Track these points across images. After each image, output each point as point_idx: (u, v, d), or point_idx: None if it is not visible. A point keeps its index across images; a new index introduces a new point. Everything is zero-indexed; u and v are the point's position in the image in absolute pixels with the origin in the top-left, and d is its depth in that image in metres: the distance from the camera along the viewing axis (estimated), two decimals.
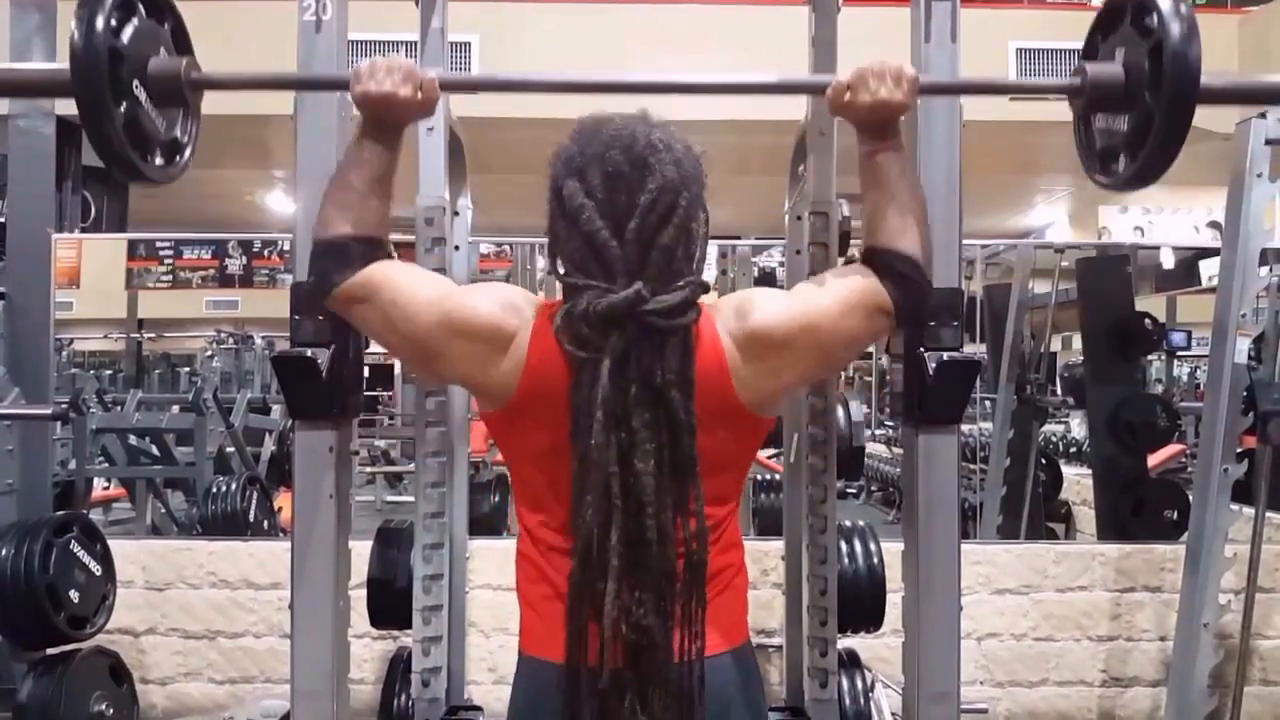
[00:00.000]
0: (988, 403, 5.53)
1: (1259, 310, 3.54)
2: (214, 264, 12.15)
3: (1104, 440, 4.45)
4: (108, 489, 6.51)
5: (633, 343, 1.18)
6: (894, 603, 2.06)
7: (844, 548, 2.54)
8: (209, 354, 10.38)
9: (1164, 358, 7.57)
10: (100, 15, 1.31)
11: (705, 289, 1.25)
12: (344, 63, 1.75)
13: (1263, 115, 2.76)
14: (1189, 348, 6.94)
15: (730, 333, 1.27)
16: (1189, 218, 8.91)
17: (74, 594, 2.75)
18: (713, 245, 5.32)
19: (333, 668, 1.71)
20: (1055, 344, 6.82)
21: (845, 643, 2.57)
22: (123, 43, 1.35)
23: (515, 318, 1.25)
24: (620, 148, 1.21)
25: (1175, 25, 1.30)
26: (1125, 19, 1.42)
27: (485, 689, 3.08)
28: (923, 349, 1.68)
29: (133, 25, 1.37)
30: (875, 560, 2.57)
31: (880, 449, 7.72)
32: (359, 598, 2.22)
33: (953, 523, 1.75)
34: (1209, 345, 2.95)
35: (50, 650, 2.77)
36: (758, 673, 1.39)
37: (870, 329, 1.33)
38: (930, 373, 1.65)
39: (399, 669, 2.59)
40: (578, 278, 1.22)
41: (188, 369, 10.99)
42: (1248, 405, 2.87)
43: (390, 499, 7.92)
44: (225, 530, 4.70)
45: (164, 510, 6.05)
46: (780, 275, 4.33)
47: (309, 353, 1.64)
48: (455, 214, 2.49)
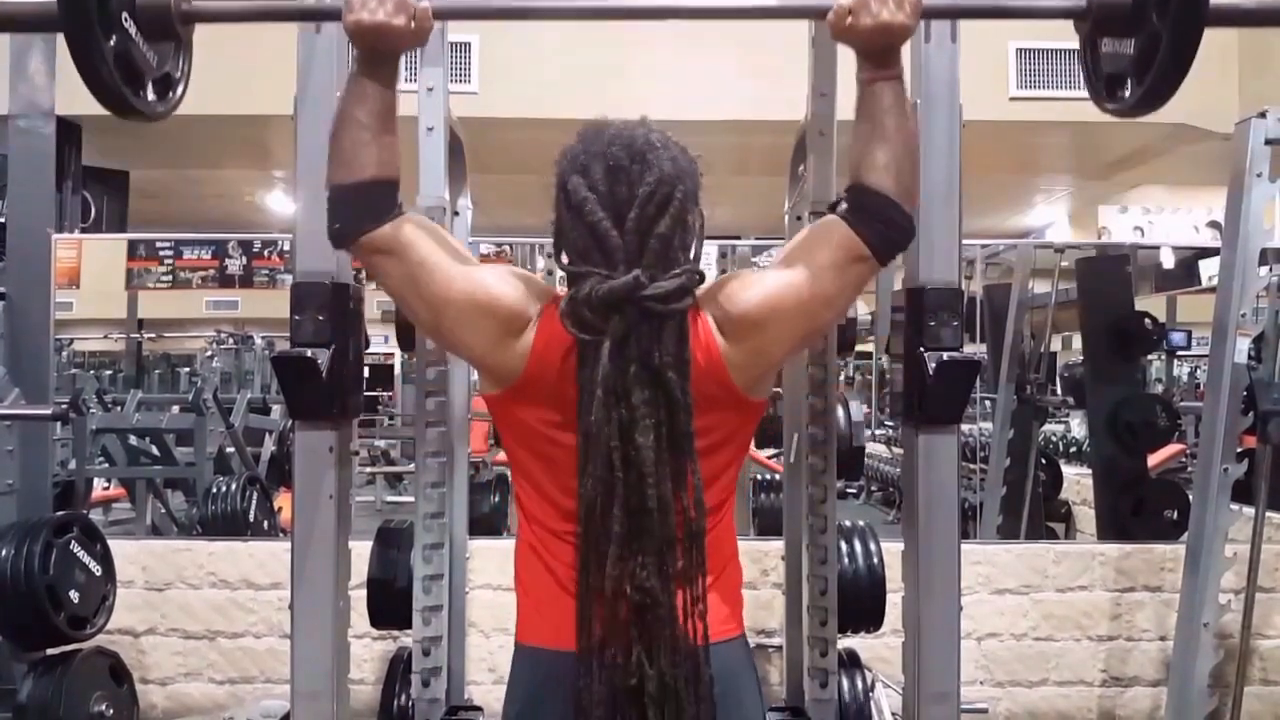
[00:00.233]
0: (988, 403, 5.53)
1: (1259, 310, 3.54)
2: (214, 264, 12.15)
3: (1104, 440, 4.45)
4: (108, 489, 6.51)
5: (632, 326, 1.23)
6: (894, 603, 2.06)
7: (844, 548, 2.54)
8: (209, 354, 10.39)
9: (1164, 357, 7.57)
10: None
11: (701, 278, 1.29)
12: (344, 63, 1.75)
13: (1263, 115, 2.76)
14: (1189, 347, 6.95)
15: (716, 320, 1.31)
16: (1189, 218, 8.91)
17: (74, 594, 2.75)
18: (713, 245, 5.33)
19: (333, 668, 1.72)
20: (1055, 344, 6.82)
21: (845, 643, 2.57)
22: None
23: (532, 304, 1.31)
24: (621, 145, 1.27)
25: None
26: None
27: (485, 689, 3.08)
28: (923, 349, 1.68)
29: None
30: (875, 560, 2.57)
31: (880, 449, 7.72)
32: (359, 598, 2.22)
33: (953, 523, 1.76)
34: (1209, 345, 2.95)
35: (50, 650, 2.76)
36: (754, 664, 1.42)
37: (851, 281, 1.33)
38: (930, 373, 1.66)
39: (399, 669, 2.59)
40: (581, 266, 1.27)
41: (188, 369, 11.00)
42: (1248, 405, 2.87)
43: (390, 499, 7.93)
44: (225, 530, 4.69)
45: (164, 510, 6.05)
46: None
47: (309, 353, 1.65)
48: (455, 214, 2.49)
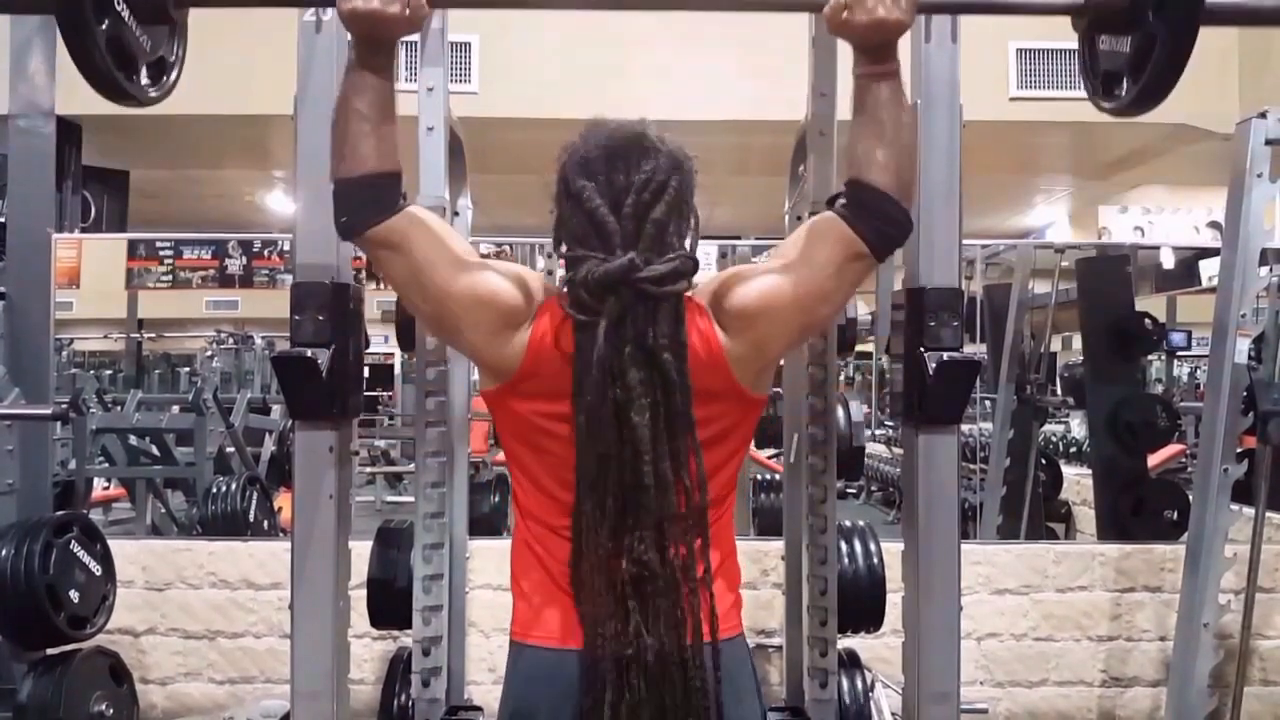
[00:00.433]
0: (988, 403, 5.53)
1: (1259, 310, 3.55)
2: (214, 264, 12.14)
3: (1104, 440, 4.45)
4: (108, 489, 6.51)
5: (628, 307, 1.25)
6: (894, 603, 2.06)
7: (844, 548, 2.54)
8: (209, 354, 10.39)
9: (1164, 358, 7.58)
10: None
11: (695, 265, 1.31)
12: (344, 62, 1.75)
13: (1263, 115, 2.76)
14: (1189, 348, 6.95)
15: (716, 314, 1.33)
16: (1189, 218, 8.91)
17: (74, 594, 2.75)
18: (713, 245, 5.33)
19: (333, 668, 1.72)
20: (1055, 344, 6.82)
21: (845, 643, 2.57)
22: None
23: (531, 299, 1.33)
24: (620, 138, 1.32)
25: None
26: None
27: (485, 689, 3.08)
28: (923, 349, 1.68)
29: None
30: (875, 560, 2.57)
31: (880, 449, 7.72)
32: (359, 598, 2.22)
33: (953, 523, 1.76)
34: (1209, 345, 2.95)
35: (50, 650, 2.76)
36: (753, 663, 1.42)
37: (849, 277, 1.34)
38: (930, 373, 1.66)
39: (399, 669, 2.59)
40: (579, 251, 1.29)
41: (188, 369, 11.00)
42: (1248, 405, 2.87)
43: (390, 499, 7.93)
44: (225, 530, 4.70)
45: (164, 510, 6.05)
46: None
47: (309, 353, 1.65)
48: (455, 214, 2.49)
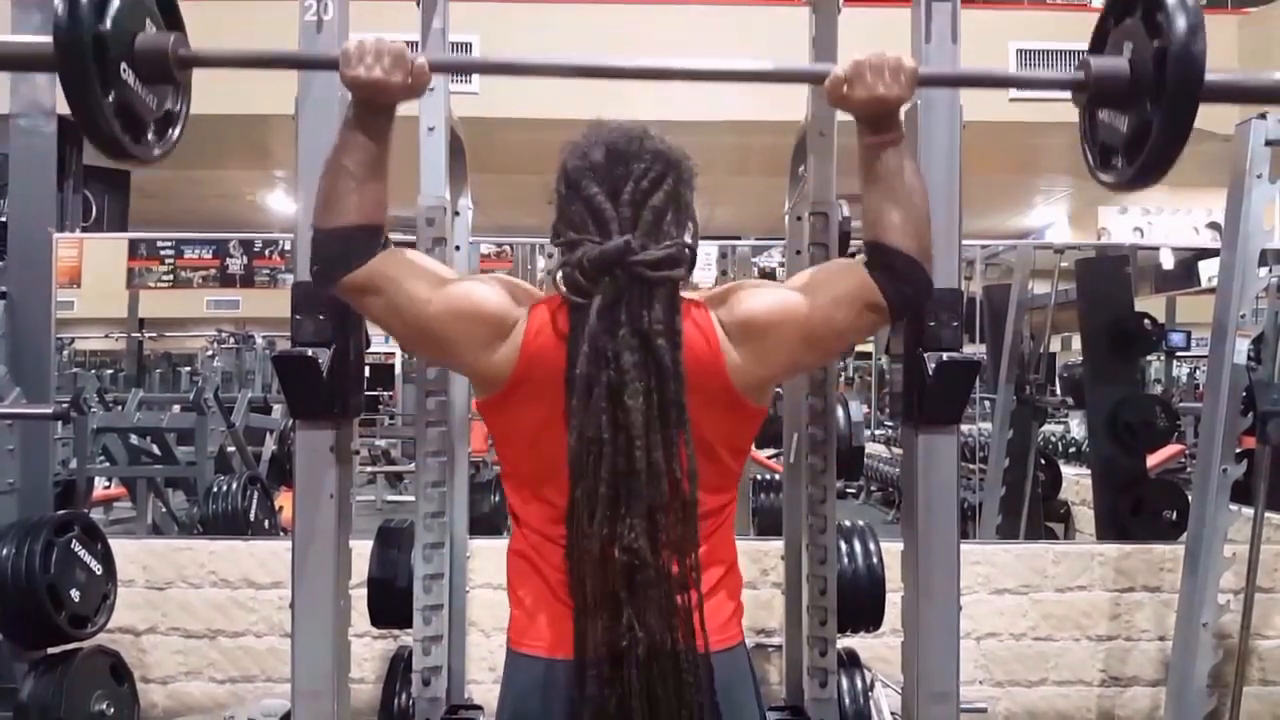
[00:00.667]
0: (987, 403, 5.53)
1: (1258, 311, 3.54)
2: (215, 264, 12.15)
3: (1103, 440, 4.45)
4: (109, 488, 6.52)
5: (623, 289, 1.26)
6: (893, 602, 2.06)
7: (843, 547, 2.55)
8: (210, 353, 10.39)
9: (1163, 358, 7.58)
10: (82, 4, 1.24)
11: (693, 255, 1.32)
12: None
13: (1263, 116, 2.76)
14: (1188, 348, 6.95)
15: (721, 319, 1.33)
16: (1188, 218, 8.92)
17: (75, 593, 2.75)
18: (713, 245, 5.34)
19: (333, 667, 1.72)
20: (1054, 344, 6.82)
21: (845, 642, 2.57)
22: (107, 26, 1.28)
23: (518, 305, 1.33)
24: (620, 133, 1.34)
25: (1181, 22, 1.27)
26: (1134, 11, 1.37)
27: (485, 688, 3.08)
28: (922, 349, 1.68)
29: (116, 3, 1.30)
30: (875, 560, 2.58)
31: (880, 449, 7.72)
32: (359, 597, 2.22)
33: (952, 523, 1.76)
34: (1208, 346, 2.95)
35: (51, 649, 2.77)
36: (753, 675, 1.41)
37: (861, 323, 1.35)
38: (930, 373, 1.66)
39: (399, 668, 2.59)
40: (574, 236, 1.30)
41: (189, 368, 11.01)
42: (1247, 406, 2.87)
43: (391, 498, 7.93)
44: (226, 530, 4.70)
45: (165, 509, 6.06)
46: (780, 275, 4.33)
47: (310, 352, 1.65)
48: (456, 214, 2.49)
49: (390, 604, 2.48)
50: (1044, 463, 5.66)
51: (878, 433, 8.03)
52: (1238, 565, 2.96)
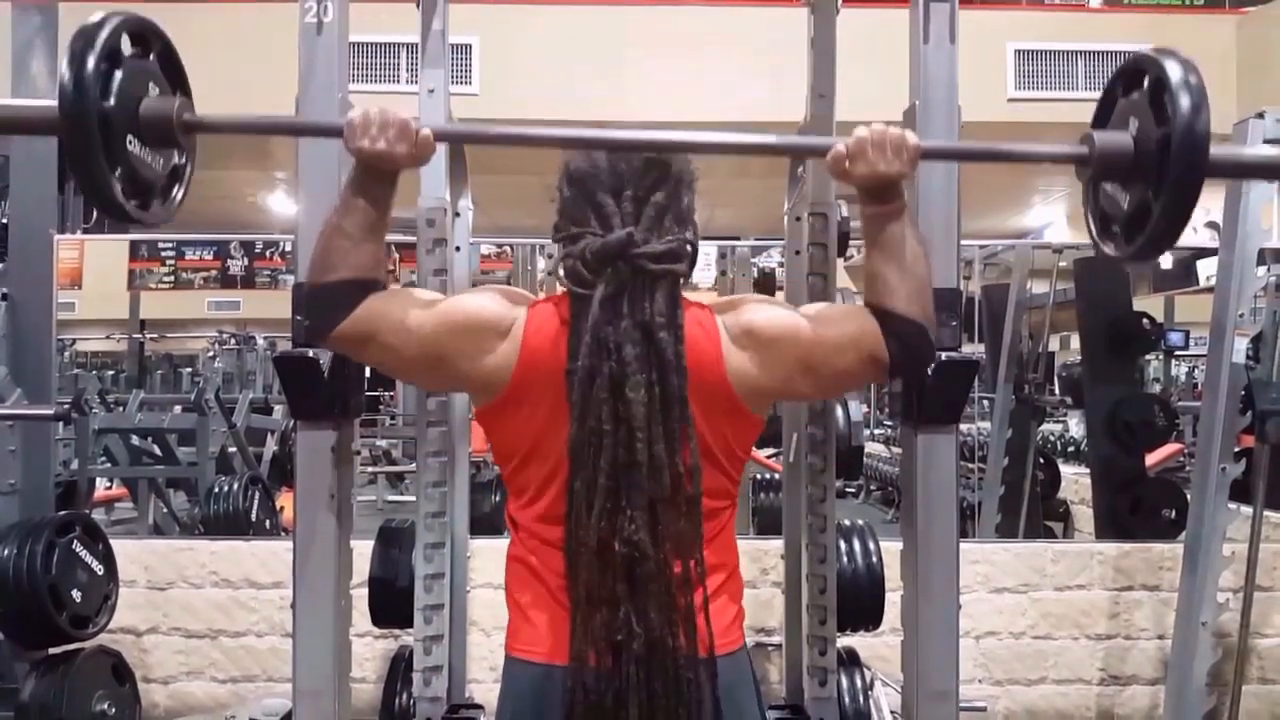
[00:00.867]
0: (986, 402, 5.53)
1: (1257, 310, 3.55)
2: (216, 265, 12.15)
3: (1102, 439, 4.45)
4: (110, 489, 6.52)
5: (625, 281, 1.27)
6: (893, 601, 2.07)
7: (843, 547, 2.55)
8: (211, 354, 10.38)
9: (1162, 357, 7.58)
10: (86, 78, 1.24)
11: (694, 251, 1.34)
12: (345, 66, 1.76)
13: (1260, 116, 2.76)
14: (1187, 347, 6.95)
15: (725, 323, 1.34)
16: None
17: (76, 594, 2.76)
18: (713, 245, 5.35)
19: (334, 666, 1.72)
20: (1053, 344, 6.82)
21: (845, 641, 2.57)
22: (111, 102, 1.28)
23: (511, 309, 1.34)
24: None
25: (1185, 104, 1.25)
26: (1140, 85, 1.36)
27: (486, 687, 3.09)
28: None
29: (120, 74, 1.29)
30: (874, 559, 2.58)
31: (879, 448, 7.72)
32: (360, 597, 2.22)
33: (951, 522, 1.76)
34: (1207, 345, 2.96)
35: (53, 650, 2.77)
36: (755, 678, 1.41)
37: (862, 371, 1.36)
38: (929, 373, 1.66)
39: (400, 668, 2.59)
40: (576, 230, 1.31)
41: (190, 369, 11.00)
42: (1246, 404, 2.87)
43: (391, 498, 7.93)
44: (227, 530, 4.70)
45: (166, 510, 6.06)
46: (780, 275, 4.34)
47: (311, 353, 1.66)
48: (456, 215, 2.49)
49: (391, 604, 2.48)
50: (1043, 462, 5.66)
51: (877, 432, 8.02)
52: (1237, 564, 2.96)
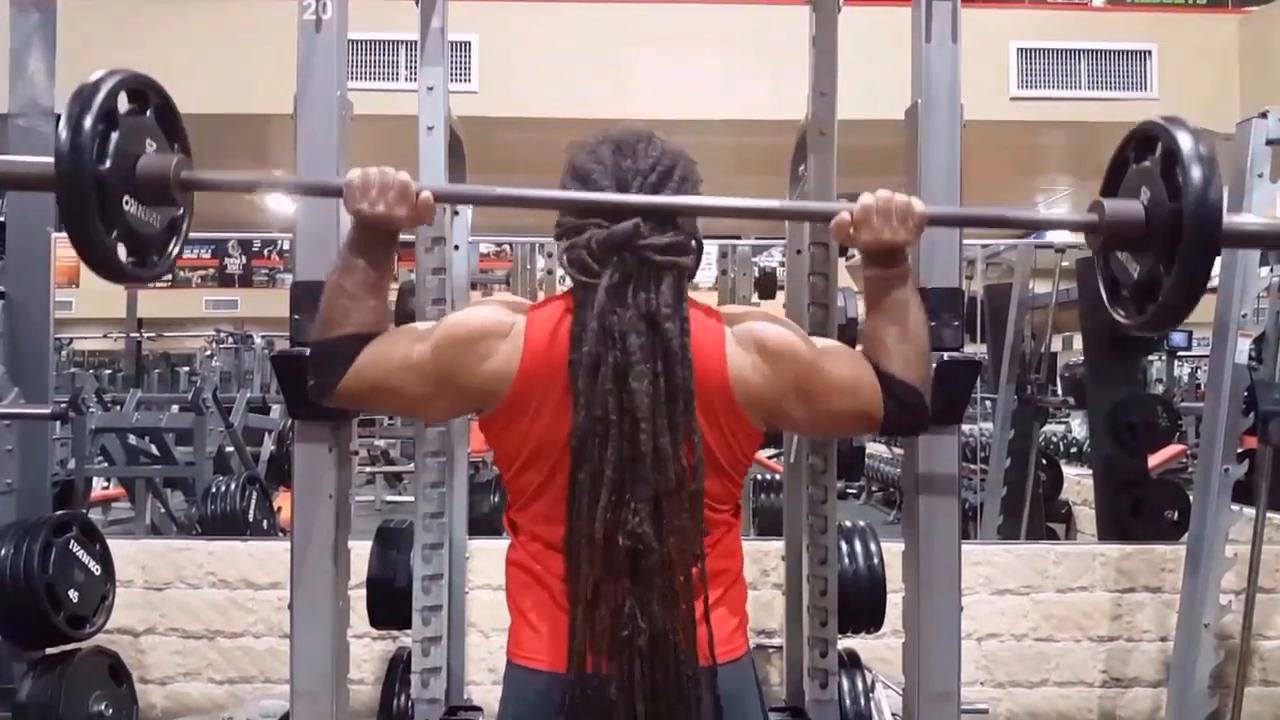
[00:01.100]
0: (988, 403, 5.53)
1: (1259, 310, 3.54)
2: (213, 263, 12.16)
3: (1104, 440, 4.44)
4: (107, 489, 6.52)
5: (630, 271, 1.26)
6: (894, 603, 2.06)
7: (844, 548, 2.54)
8: (208, 353, 10.40)
9: (1164, 358, 7.58)
10: (82, 141, 1.23)
11: (699, 247, 1.33)
12: (344, 64, 1.75)
13: (1263, 115, 2.75)
14: (1189, 348, 6.96)
15: (733, 330, 1.32)
16: None
17: (73, 594, 2.74)
18: (713, 245, 5.34)
19: (332, 668, 1.71)
20: (1056, 344, 6.82)
21: (845, 643, 2.57)
22: (108, 164, 1.27)
23: (512, 314, 1.32)
24: (628, 132, 1.36)
25: (1197, 176, 1.24)
26: (1152, 153, 1.35)
27: (485, 689, 3.08)
28: None
29: (116, 134, 1.28)
30: (875, 560, 2.57)
31: (880, 449, 7.72)
32: (358, 598, 2.21)
33: (953, 523, 1.75)
34: (1209, 345, 2.95)
35: (50, 650, 2.76)
36: (758, 684, 1.40)
37: (853, 420, 1.37)
38: (932, 360, 1.65)
39: (398, 669, 2.59)
40: (581, 221, 1.30)
41: (187, 368, 11.02)
42: (1248, 405, 2.86)
43: (390, 499, 7.93)
44: (224, 530, 4.69)
45: (163, 510, 6.06)
46: (780, 275, 4.33)
47: (309, 351, 1.64)
48: (455, 213, 2.48)
49: (389, 605, 2.47)
50: (1045, 463, 5.67)
51: None
52: (1239, 566, 2.95)
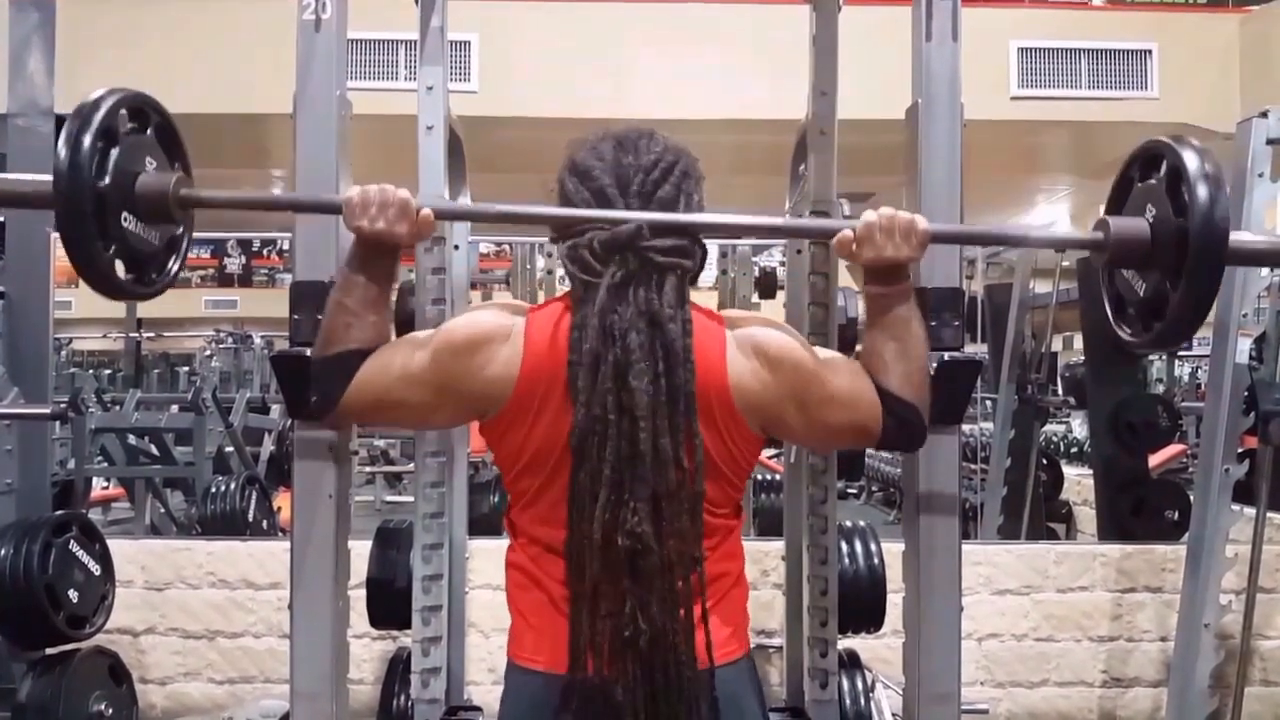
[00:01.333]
0: (988, 403, 5.53)
1: (1260, 310, 3.54)
2: (213, 263, 12.15)
3: (1105, 440, 4.44)
4: (107, 489, 6.52)
5: (632, 272, 1.25)
6: (894, 603, 2.06)
7: (844, 548, 2.54)
8: (208, 353, 10.40)
9: (1165, 358, 7.58)
10: (81, 159, 1.23)
11: (703, 250, 1.33)
12: (343, 63, 1.74)
13: (1264, 115, 2.75)
14: (1190, 348, 6.95)
15: (734, 335, 1.31)
16: None
17: (73, 594, 2.74)
18: (713, 244, 5.33)
19: (332, 668, 1.71)
20: (1056, 344, 6.82)
21: (846, 643, 2.56)
22: (107, 181, 1.27)
23: (511, 317, 1.32)
24: (630, 131, 1.35)
25: (1203, 195, 1.23)
26: (1158, 171, 1.34)
27: (485, 689, 3.07)
28: None
29: (116, 152, 1.28)
30: (876, 560, 2.57)
31: None
32: (358, 598, 2.21)
33: (953, 523, 1.75)
34: (1210, 345, 2.95)
35: (49, 650, 2.76)
36: (758, 686, 1.39)
37: (851, 434, 1.37)
38: (931, 373, 1.65)
39: (398, 669, 2.58)
40: (583, 223, 1.30)
41: (187, 368, 11.02)
42: (1249, 405, 2.86)
43: (389, 499, 7.94)
44: (224, 530, 4.69)
45: (163, 510, 6.06)
46: (780, 275, 4.32)
47: (308, 352, 1.64)
48: None
49: (389, 605, 2.47)
50: (1046, 463, 5.66)
51: None
52: (1239, 565, 2.95)
